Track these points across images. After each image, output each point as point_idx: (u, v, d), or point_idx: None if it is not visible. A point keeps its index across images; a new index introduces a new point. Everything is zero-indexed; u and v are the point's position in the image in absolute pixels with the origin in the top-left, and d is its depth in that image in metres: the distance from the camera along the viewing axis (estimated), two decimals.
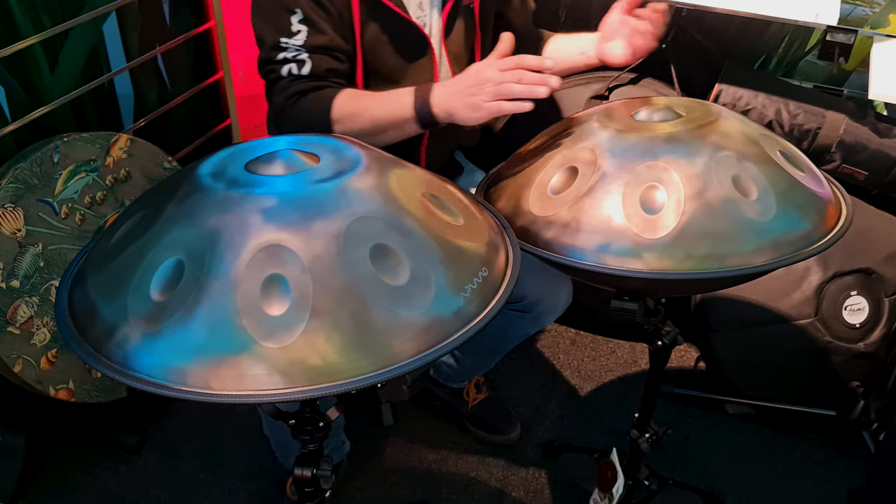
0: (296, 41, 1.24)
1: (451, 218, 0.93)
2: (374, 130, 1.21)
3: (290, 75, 1.26)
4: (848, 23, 1.67)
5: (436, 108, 1.18)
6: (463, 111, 1.15)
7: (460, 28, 1.41)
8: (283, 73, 1.26)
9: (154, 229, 0.84)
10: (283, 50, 1.25)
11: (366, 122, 1.22)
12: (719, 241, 0.98)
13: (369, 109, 1.23)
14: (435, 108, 1.18)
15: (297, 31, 1.24)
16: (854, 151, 1.81)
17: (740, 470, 1.79)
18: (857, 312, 1.78)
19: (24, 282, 1.53)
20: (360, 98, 1.25)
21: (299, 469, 1.01)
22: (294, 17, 1.24)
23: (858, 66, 1.97)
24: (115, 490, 1.70)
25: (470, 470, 1.78)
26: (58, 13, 1.62)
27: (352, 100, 1.24)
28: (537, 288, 1.48)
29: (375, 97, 1.24)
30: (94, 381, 1.66)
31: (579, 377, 2.05)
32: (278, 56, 1.26)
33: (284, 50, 1.25)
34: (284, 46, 1.25)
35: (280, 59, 1.26)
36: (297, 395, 0.75)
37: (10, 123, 1.56)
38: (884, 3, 1.70)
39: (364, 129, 1.21)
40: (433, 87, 1.19)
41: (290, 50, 1.25)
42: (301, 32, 1.24)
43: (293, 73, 1.26)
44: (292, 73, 1.26)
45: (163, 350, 0.77)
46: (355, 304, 0.78)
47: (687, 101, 1.20)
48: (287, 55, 1.25)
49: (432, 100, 1.18)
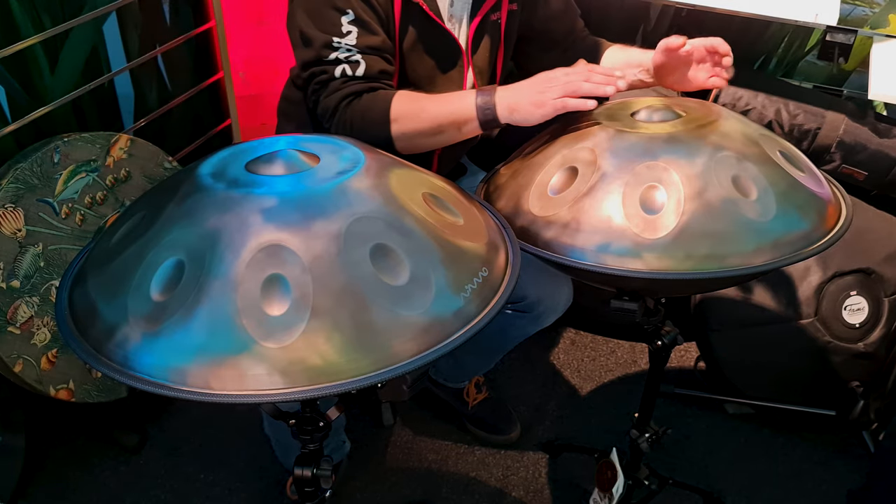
0: (349, 40, 1.22)
1: (452, 218, 0.93)
2: (434, 130, 1.20)
3: (343, 76, 1.23)
4: (848, 23, 1.67)
5: (499, 105, 1.17)
6: (526, 107, 1.15)
7: (486, 43, 1.41)
8: (336, 73, 1.23)
9: (154, 229, 0.84)
10: (335, 49, 1.23)
11: (425, 121, 1.20)
12: (719, 241, 0.98)
13: (428, 109, 1.21)
14: (498, 106, 1.17)
15: (348, 31, 1.22)
16: (854, 151, 1.81)
17: (740, 470, 1.79)
18: (856, 312, 1.78)
19: (24, 282, 1.53)
20: (418, 98, 1.24)
21: (299, 469, 1.01)
22: (345, 18, 1.22)
23: (858, 66, 1.97)
24: (115, 490, 1.70)
25: (470, 470, 1.78)
26: (58, 13, 1.62)
27: (410, 100, 1.23)
28: (538, 288, 1.48)
29: (434, 98, 1.24)
30: (94, 380, 1.66)
31: (579, 377, 2.05)
32: (330, 56, 1.23)
33: (337, 50, 1.22)
34: (337, 46, 1.22)
35: (332, 59, 1.23)
36: (297, 395, 0.75)
37: (11, 123, 1.56)
38: (884, 3, 1.70)
39: (423, 128, 1.20)
40: (495, 88, 1.19)
41: (343, 50, 1.23)
42: (352, 33, 1.22)
43: (347, 74, 1.23)
44: (346, 73, 1.23)
45: (163, 350, 0.77)
46: (355, 304, 0.78)
47: (687, 101, 1.20)
48: (340, 55, 1.23)
49: (496, 98, 1.17)
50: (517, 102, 1.16)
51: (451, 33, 1.34)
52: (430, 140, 1.23)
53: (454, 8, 1.35)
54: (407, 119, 1.21)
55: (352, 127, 1.22)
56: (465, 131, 1.21)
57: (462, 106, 1.19)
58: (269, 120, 2.08)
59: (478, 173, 1.61)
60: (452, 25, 1.36)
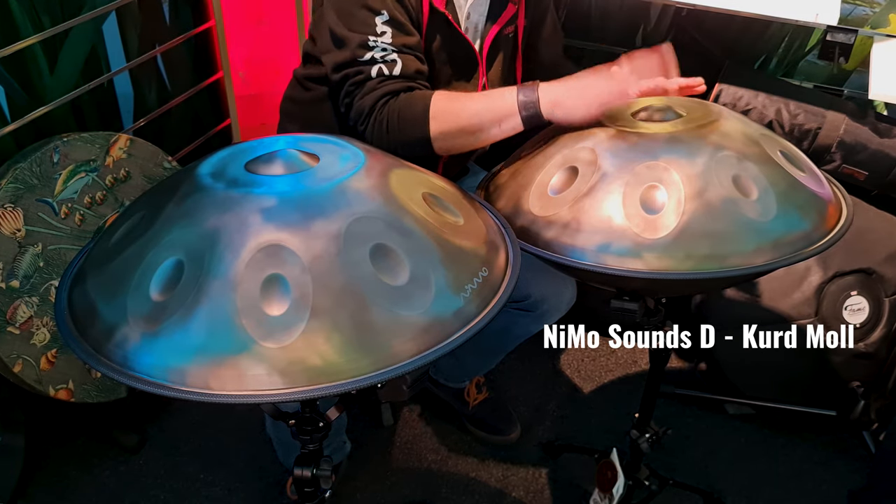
0: (385, 40, 1.21)
1: (452, 218, 0.93)
2: (474, 128, 1.19)
3: (380, 75, 1.22)
4: (848, 23, 1.67)
5: (542, 100, 1.15)
6: (570, 104, 1.14)
7: (501, 58, 1.42)
8: (372, 73, 1.22)
9: (154, 229, 0.84)
10: (370, 49, 1.22)
11: (466, 118, 1.19)
12: (719, 241, 0.98)
13: (469, 106, 1.20)
14: (542, 100, 1.16)
15: (383, 31, 1.22)
16: (854, 151, 1.81)
17: (740, 470, 1.79)
18: (857, 312, 1.78)
19: (23, 282, 1.53)
20: (457, 97, 1.23)
21: (299, 469, 1.01)
22: (379, 18, 1.21)
23: (858, 66, 1.97)
24: (115, 490, 1.70)
25: (470, 470, 1.78)
26: (58, 13, 1.62)
27: (449, 98, 1.22)
28: (541, 287, 1.48)
29: (474, 96, 1.23)
30: (93, 381, 1.66)
31: (579, 377, 2.05)
32: (366, 56, 1.22)
33: (372, 49, 1.22)
34: (373, 45, 1.21)
35: (368, 58, 1.22)
36: (297, 395, 0.75)
37: (10, 123, 1.56)
38: (884, 3, 1.70)
39: (464, 126, 1.19)
40: (538, 83, 1.18)
41: (379, 49, 1.22)
42: (387, 33, 1.22)
43: (384, 74, 1.22)
44: (383, 73, 1.22)
45: (162, 350, 0.77)
46: (355, 304, 0.78)
47: (687, 101, 1.20)
48: (376, 55, 1.22)
49: (539, 93, 1.16)
50: (561, 98, 1.14)
51: (471, 43, 1.35)
52: (471, 139, 1.21)
53: (470, 21, 1.36)
54: (447, 117, 1.19)
55: (388, 126, 1.21)
56: (507, 128, 1.19)
57: (504, 102, 1.17)
58: (269, 120, 2.08)
59: (478, 173, 1.61)
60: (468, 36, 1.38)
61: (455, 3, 1.33)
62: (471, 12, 1.35)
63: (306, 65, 1.42)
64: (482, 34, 1.39)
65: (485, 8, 1.36)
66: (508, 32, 1.42)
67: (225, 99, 2.12)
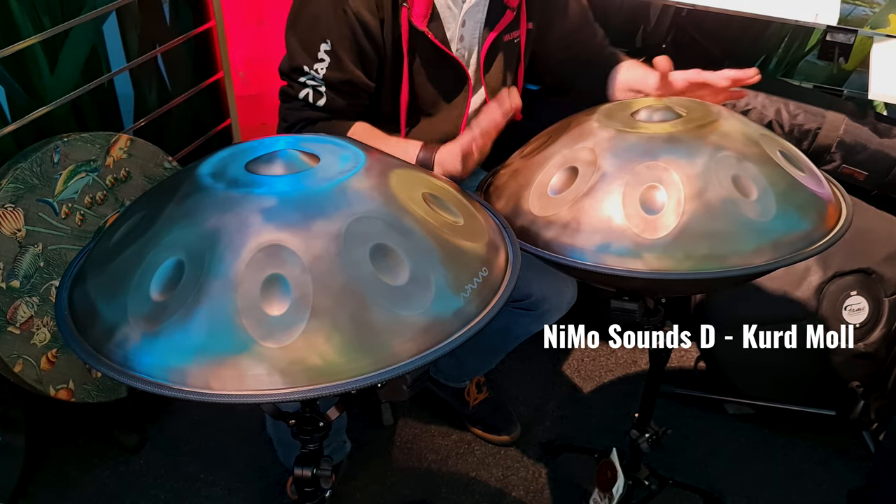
0: (317, 72, 1.28)
1: (452, 218, 0.93)
2: None
3: (304, 100, 1.30)
4: (848, 23, 1.67)
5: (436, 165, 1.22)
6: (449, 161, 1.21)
7: (500, 62, 1.43)
8: (300, 95, 1.30)
9: (154, 229, 0.84)
10: (304, 75, 1.29)
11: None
12: (719, 241, 0.98)
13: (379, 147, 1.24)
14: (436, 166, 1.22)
15: (322, 59, 1.27)
16: (854, 151, 1.81)
17: (740, 470, 1.79)
18: (857, 312, 1.78)
19: (24, 282, 1.53)
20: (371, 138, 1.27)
21: (299, 469, 1.01)
22: (323, 45, 1.27)
23: (858, 66, 1.97)
24: (115, 490, 1.70)
25: (470, 470, 1.78)
26: (58, 13, 1.62)
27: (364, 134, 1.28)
28: (542, 286, 1.48)
29: (384, 141, 1.27)
30: (94, 380, 1.66)
31: (579, 377, 2.05)
32: (300, 79, 1.30)
33: (306, 76, 1.29)
34: (307, 72, 1.29)
35: (300, 81, 1.30)
36: (297, 395, 0.75)
37: (10, 123, 1.56)
38: (884, 3, 1.70)
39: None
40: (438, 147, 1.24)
41: (310, 78, 1.29)
42: (324, 62, 1.28)
43: (309, 101, 1.30)
44: (308, 100, 1.30)
45: (163, 350, 0.77)
46: (355, 304, 0.78)
47: (687, 101, 1.20)
48: (307, 81, 1.29)
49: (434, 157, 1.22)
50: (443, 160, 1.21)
51: (459, 60, 1.37)
52: None
53: (465, 28, 1.36)
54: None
55: None
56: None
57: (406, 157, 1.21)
58: (269, 120, 2.07)
59: (478, 173, 1.61)
60: (461, 50, 1.38)
61: (445, 14, 1.33)
62: (466, 19, 1.35)
63: None
64: (480, 41, 1.38)
65: (482, 14, 1.37)
66: (509, 39, 1.42)
67: (225, 99, 2.12)
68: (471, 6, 1.34)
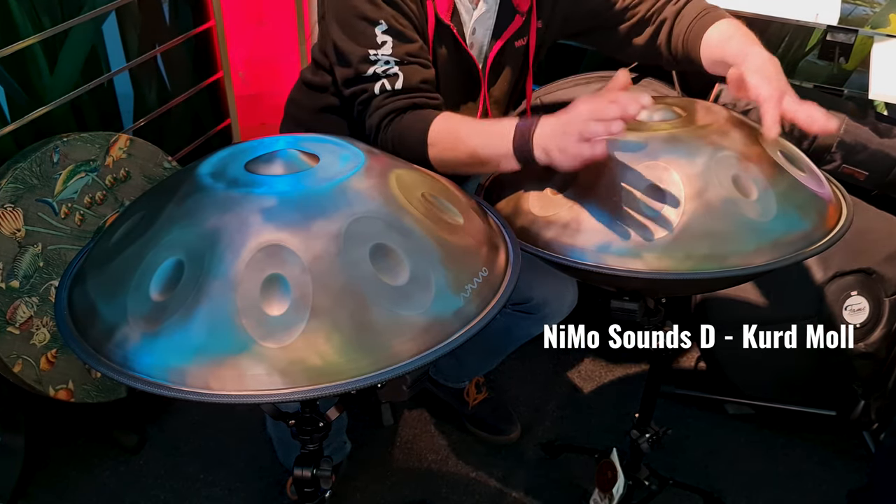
0: (385, 52, 1.18)
1: (451, 218, 0.93)
2: (472, 162, 1.13)
3: (383, 91, 1.20)
4: (848, 23, 1.67)
5: (536, 148, 1.05)
6: (556, 154, 1.02)
7: (507, 72, 1.37)
8: (376, 90, 1.20)
9: (154, 229, 0.84)
10: (373, 63, 1.19)
11: (462, 152, 1.13)
12: (719, 241, 0.98)
13: (466, 140, 1.13)
14: (536, 148, 1.05)
15: (384, 41, 1.18)
16: (854, 151, 1.81)
17: (740, 470, 1.79)
18: (857, 312, 1.78)
19: (23, 282, 1.53)
20: (457, 126, 1.16)
21: (299, 469, 1.01)
22: (378, 28, 1.18)
23: (858, 66, 1.97)
24: (115, 490, 1.70)
25: (470, 470, 1.78)
26: (57, 13, 1.62)
27: (449, 127, 1.16)
28: (544, 289, 1.48)
29: (474, 126, 1.16)
30: (93, 381, 1.66)
31: (579, 377, 2.05)
32: (369, 71, 1.19)
33: (374, 63, 1.19)
34: (374, 59, 1.18)
35: (371, 74, 1.19)
36: (297, 395, 0.75)
37: (10, 123, 1.56)
38: (884, 3, 1.70)
39: (460, 159, 1.14)
40: (537, 123, 1.05)
41: (381, 62, 1.19)
42: (388, 43, 1.18)
43: (386, 90, 1.19)
44: (385, 89, 1.19)
45: (162, 350, 0.77)
46: (355, 304, 0.78)
47: (687, 102, 1.20)
48: (378, 69, 1.19)
49: (534, 139, 1.05)
50: (549, 147, 1.03)
51: (474, 59, 1.31)
52: (471, 170, 1.17)
53: (475, 36, 1.32)
54: (444, 146, 1.15)
55: (393, 147, 1.18)
56: (506, 166, 1.11)
57: (502, 142, 1.09)
58: (269, 120, 2.08)
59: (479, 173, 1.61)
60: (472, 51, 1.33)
61: (461, 17, 1.29)
62: (476, 27, 1.31)
63: (315, 71, 1.39)
64: (487, 49, 1.34)
65: (491, 22, 1.32)
66: (518, 45, 1.36)
67: (225, 99, 2.12)
68: (482, 13, 1.30)
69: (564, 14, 1.37)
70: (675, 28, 1.32)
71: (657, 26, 1.34)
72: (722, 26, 1.27)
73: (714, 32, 1.26)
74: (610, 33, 1.38)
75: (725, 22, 1.28)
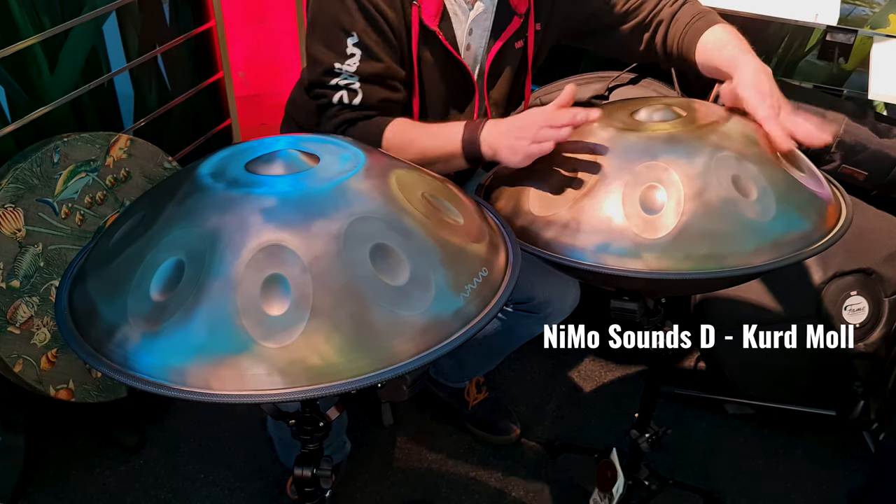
0: (349, 67, 1.22)
1: (451, 218, 0.93)
2: (423, 162, 1.16)
3: (340, 103, 1.24)
4: (848, 23, 1.67)
5: (483, 144, 1.15)
6: (505, 152, 1.13)
7: (507, 74, 1.38)
8: (333, 100, 1.24)
9: (154, 229, 0.84)
10: (336, 75, 1.23)
11: (414, 154, 1.18)
12: (719, 241, 0.98)
13: (417, 142, 1.20)
14: (483, 144, 1.15)
15: (352, 53, 1.21)
16: (854, 151, 1.81)
17: (740, 470, 1.79)
18: (857, 312, 1.78)
19: (24, 282, 1.53)
20: (409, 130, 1.22)
21: (299, 469, 1.01)
22: (349, 40, 1.21)
23: (858, 66, 1.97)
24: (115, 490, 1.70)
25: (470, 470, 1.78)
26: (58, 13, 1.62)
27: (401, 131, 1.22)
28: (545, 289, 1.48)
29: (426, 129, 1.23)
30: (94, 380, 1.66)
31: (579, 377, 2.05)
32: (332, 81, 1.23)
33: (338, 76, 1.23)
34: (338, 72, 1.22)
35: (333, 84, 1.23)
36: (297, 395, 0.75)
37: (10, 123, 1.56)
38: (884, 3, 1.70)
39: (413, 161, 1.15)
40: (484, 124, 1.16)
41: (344, 76, 1.22)
42: (355, 56, 1.21)
43: (344, 102, 1.23)
44: (343, 101, 1.23)
45: (163, 350, 0.77)
46: (355, 304, 0.78)
47: (687, 101, 1.20)
48: (340, 82, 1.23)
49: (481, 136, 1.15)
50: (498, 145, 1.14)
51: (466, 65, 1.31)
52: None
53: (472, 37, 1.32)
54: (397, 151, 1.18)
55: None
56: (455, 165, 1.20)
57: (449, 141, 1.18)
58: (269, 120, 2.08)
59: (478, 173, 1.61)
60: (467, 58, 1.33)
61: (452, 20, 1.29)
62: (473, 28, 1.31)
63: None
64: (486, 49, 1.34)
65: (489, 22, 1.32)
66: (517, 46, 1.36)
67: (225, 99, 2.12)
68: (478, 13, 1.30)
69: (563, 16, 1.38)
70: (670, 30, 1.34)
71: (654, 28, 1.35)
72: (716, 32, 1.29)
73: (709, 38, 1.28)
74: (608, 36, 1.39)
75: (719, 28, 1.29)
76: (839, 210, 1.10)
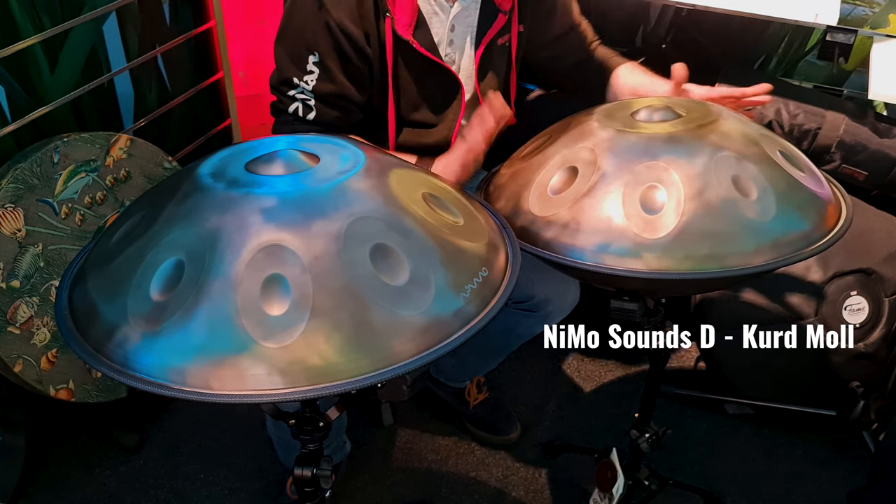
0: (306, 84, 1.27)
1: (452, 218, 0.93)
2: None
3: (294, 114, 1.29)
4: (848, 23, 1.67)
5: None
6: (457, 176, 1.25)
7: (495, 69, 1.42)
8: (289, 109, 1.29)
9: (154, 229, 0.84)
10: (293, 87, 1.28)
11: None
12: (719, 241, 0.98)
13: None
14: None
15: (311, 70, 1.26)
16: (854, 151, 1.81)
17: (740, 470, 1.79)
18: (856, 312, 1.78)
19: (24, 282, 1.53)
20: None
21: (299, 469, 1.01)
22: (311, 58, 1.26)
23: (858, 66, 1.97)
24: (115, 490, 1.70)
25: (470, 470, 1.78)
26: (58, 13, 1.62)
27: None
28: (545, 288, 1.48)
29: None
30: (94, 380, 1.66)
31: (579, 377, 2.05)
32: (289, 92, 1.28)
33: (295, 88, 1.28)
34: (296, 85, 1.27)
35: (290, 95, 1.28)
36: (297, 395, 0.75)
37: (10, 123, 1.56)
38: (884, 3, 1.70)
39: None
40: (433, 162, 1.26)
41: (300, 91, 1.27)
42: (313, 74, 1.26)
43: (298, 115, 1.29)
44: (298, 114, 1.29)
45: (163, 350, 0.77)
46: (355, 304, 0.78)
47: (686, 102, 1.20)
48: (297, 94, 1.28)
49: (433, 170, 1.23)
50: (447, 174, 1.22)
51: (448, 67, 1.35)
52: None
53: (455, 33, 1.35)
54: None
55: None
56: None
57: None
58: (269, 120, 2.07)
59: (478, 173, 1.60)
60: (451, 55, 1.36)
61: (432, 21, 1.31)
62: (455, 24, 1.34)
63: None
64: (473, 45, 1.37)
65: (473, 18, 1.34)
66: (502, 43, 1.40)
67: (225, 99, 2.12)
68: (459, 11, 1.33)
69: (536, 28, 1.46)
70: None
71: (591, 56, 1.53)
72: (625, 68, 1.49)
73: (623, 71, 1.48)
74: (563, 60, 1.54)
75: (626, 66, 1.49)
76: (839, 210, 1.10)
